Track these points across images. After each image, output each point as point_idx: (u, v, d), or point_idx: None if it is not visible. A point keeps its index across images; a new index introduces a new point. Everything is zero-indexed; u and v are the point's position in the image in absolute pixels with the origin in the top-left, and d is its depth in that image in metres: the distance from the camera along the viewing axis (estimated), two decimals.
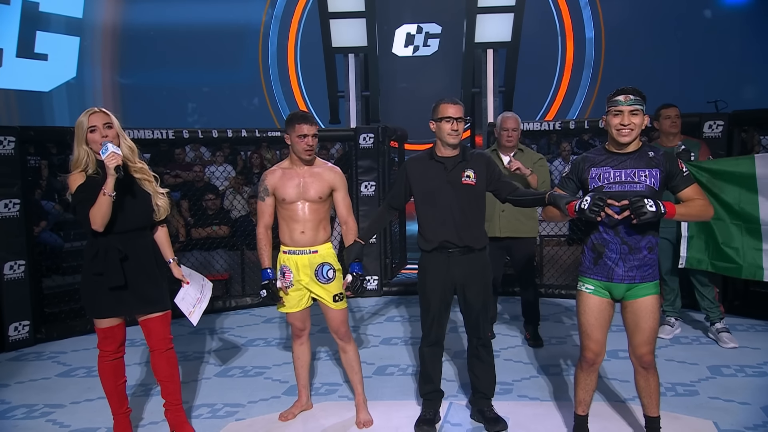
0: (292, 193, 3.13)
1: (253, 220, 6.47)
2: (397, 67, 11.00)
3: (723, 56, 10.49)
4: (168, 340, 3.02)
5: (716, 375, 3.77)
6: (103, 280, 2.83)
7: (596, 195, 2.55)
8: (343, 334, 3.23)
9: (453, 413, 3.33)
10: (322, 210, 3.17)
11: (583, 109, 11.21)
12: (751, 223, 4.05)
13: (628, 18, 10.97)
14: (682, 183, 2.64)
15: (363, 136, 6.11)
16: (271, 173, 3.21)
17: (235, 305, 5.86)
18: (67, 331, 5.01)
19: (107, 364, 2.95)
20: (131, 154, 2.91)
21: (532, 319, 4.48)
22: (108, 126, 2.83)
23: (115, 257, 2.82)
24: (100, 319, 2.90)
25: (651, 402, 2.75)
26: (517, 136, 4.37)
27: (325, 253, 3.18)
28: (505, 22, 7.89)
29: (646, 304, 2.65)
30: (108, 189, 2.71)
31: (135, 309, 2.93)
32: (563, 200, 2.66)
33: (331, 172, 3.20)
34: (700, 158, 4.32)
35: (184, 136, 5.75)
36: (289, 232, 3.17)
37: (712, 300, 4.42)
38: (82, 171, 2.84)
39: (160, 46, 12.06)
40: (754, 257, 4.04)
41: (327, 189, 3.16)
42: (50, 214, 6.31)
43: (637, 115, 2.59)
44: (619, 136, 2.61)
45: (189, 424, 3.14)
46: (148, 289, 2.93)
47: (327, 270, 3.16)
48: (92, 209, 2.74)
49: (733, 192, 4.10)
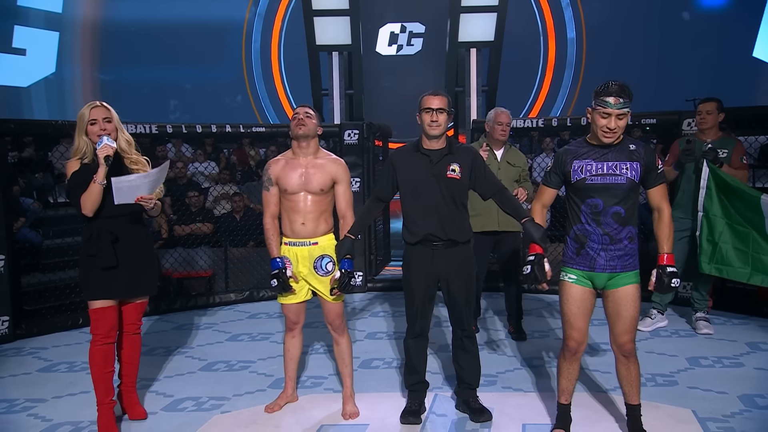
0: (294, 183, 3.13)
1: (237, 218, 6.46)
2: (380, 66, 11.02)
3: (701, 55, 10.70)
4: (138, 325, 3.23)
5: (695, 366, 3.85)
6: (97, 261, 2.98)
7: (536, 268, 2.75)
8: (337, 326, 3.25)
9: (438, 404, 3.36)
10: (323, 202, 3.16)
11: (565, 108, 11.34)
12: (758, 231, 4.12)
13: (609, 18, 11.13)
14: (654, 180, 2.70)
15: (348, 132, 6.12)
16: (275, 162, 3.22)
17: (219, 301, 5.83)
18: (47, 327, 4.94)
19: (98, 348, 3.01)
20: (128, 147, 3.11)
21: (515, 313, 4.52)
22: (107, 120, 3.02)
23: (107, 239, 3.00)
24: (93, 301, 3.00)
25: (632, 390, 2.81)
26: (509, 131, 4.47)
27: (326, 244, 3.18)
28: (488, 22, 7.95)
29: (627, 293, 2.70)
30: (99, 177, 2.91)
31: (125, 292, 3.07)
32: (531, 237, 2.82)
33: (334, 164, 3.19)
34: (733, 156, 4.32)
35: (167, 131, 5.70)
36: (290, 224, 3.17)
37: (704, 294, 4.54)
38: (79, 159, 3.03)
39: (142, 42, 11.91)
40: (761, 264, 4.12)
41: (329, 181, 3.16)
42: (29, 211, 6.21)
43: (624, 117, 2.62)
44: (603, 137, 2.65)
45: (141, 406, 3.29)
46: (138, 273, 3.09)
47: (326, 263, 3.17)
48: (83, 195, 2.95)
49: (742, 206, 4.18)
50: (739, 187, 4.19)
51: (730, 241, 4.23)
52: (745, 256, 4.18)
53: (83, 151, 3.02)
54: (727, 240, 4.24)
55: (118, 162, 3.02)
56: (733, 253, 4.22)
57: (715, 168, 4.23)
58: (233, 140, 7.94)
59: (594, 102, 2.65)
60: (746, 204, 4.15)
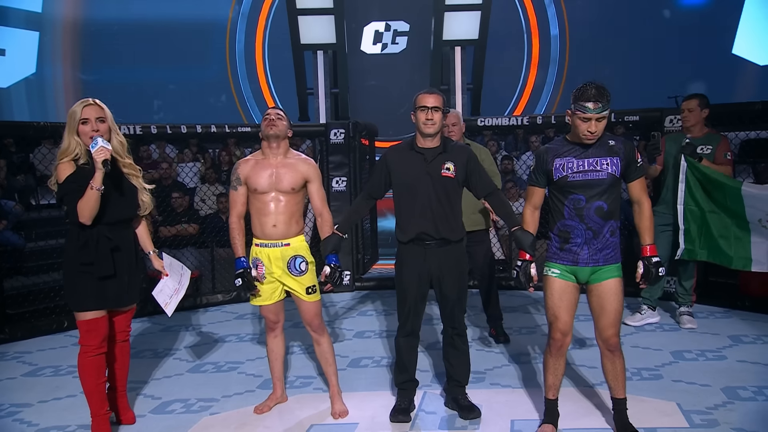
0: (264, 183, 3.12)
1: (223, 218, 6.42)
2: (365, 65, 11.01)
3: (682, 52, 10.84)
4: (127, 332, 3.15)
5: (679, 360, 3.91)
6: (92, 270, 2.83)
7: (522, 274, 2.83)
8: (316, 326, 3.24)
9: (427, 402, 3.38)
10: (293, 201, 3.16)
11: (550, 105, 11.42)
12: (739, 218, 4.24)
13: (591, 15, 11.24)
14: (634, 173, 2.76)
15: (334, 132, 6.12)
16: (245, 162, 3.21)
17: (206, 302, 5.81)
18: (31, 331, 4.89)
19: (89, 360, 2.89)
20: (121, 149, 2.96)
21: (495, 316, 4.42)
22: (100, 120, 2.86)
23: (106, 247, 2.85)
24: (84, 312, 2.86)
25: (617, 384, 2.85)
26: (459, 131, 4.21)
27: (298, 245, 3.18)
28: (472, 20, 7.99)
29: (610, 287, 2.75)
30: (96, 183, 2.73)
31: (118, 301, 2.96)
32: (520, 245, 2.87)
33: (304, 164, 3.20)
34: (717, 152, 4.37)
35: (151, 131, 5.66)
36: (260, 226, 3.15)
37: (687, 289, 4.62)
38: (71, 160, 2.84)
39: (124, 42, 11.78)
40: (743, 249, 4.24)
41: (300, 180, 3.16)
42: (11, 214, 6.13)
43: (603, 120, 2.67)
44: (585, 140, 2.70)
45: (131, 410, 3.25)
46: (129, 282, 2.98)
47: (300, 262, 3.16)
48: (80, 202, 2.76)
49: (722, 197, 4.29)
50: (718, 179, 4.27)
51: (713, 229, 4.34)
52: (728, 242, 4.30)
53: (74, 152, 2.83)
54: (710, 228, 4.35)
55: (112, 165, 2.83)
56: (716, 240, 4.33)
57: (694, 162, 4.32)
58: (218, 140, 7.90)
59: (573, 106, 2.69)
60: (726, 194, 4.25)
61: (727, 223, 4.31)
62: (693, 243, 4.41)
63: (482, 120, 6.02)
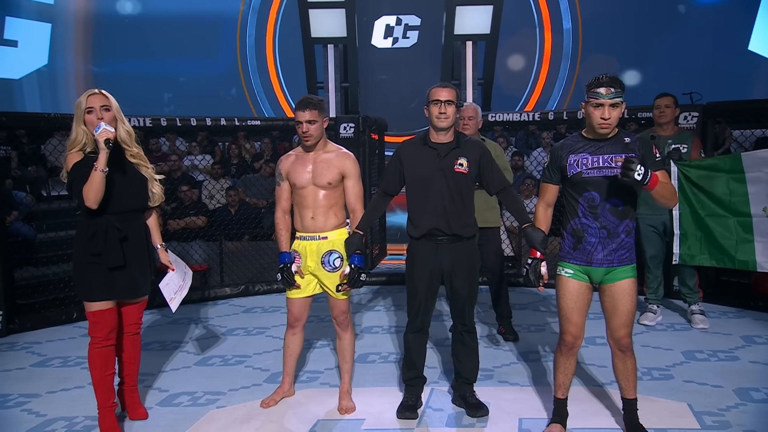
0: (302, 178, 3.13)
1: (231, 212, 6.43)
2: (376, 59, 10.97)
3: (697, 48, 10.69)
4: (139, 325, 3.12)
5: (690, 360, 3.86)
6: (101, 260, 2.82)
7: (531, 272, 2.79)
8: (341, 321, 3.27)
9: (435, 399, 3.36)
10: (332, 196, 3.16)
11: (562, 100, 11.31)
12: (742, 216, 4.20)
13: (605, 9, 11.10)
14: (653, 167, 2.69)
15: (343, 126, 6.09)
16: (286, 158, 3.24)
17: (214, 296, 5.81)
18: (41, 322, 4.91)
19: (97, 351, 2.88)
20: (128, 139, 2.95)
21: (504, 314, 4.40)
22: (105, 108, 2.85)
23: (115, 237, 2.84)
24: (92, 302, 2.86)
25: (628, 384, 2.81)
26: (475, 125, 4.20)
27: (336, 239, 3.17)
28: (484, 15, 7.92)
29: (624, 287, 2.70)
30: (100, 164, 2.71)
31: (128, 292, 2.95)
32: (531, 242, 2.82)
33: (342, 158, 3.17)
34: (692, 150, 4.37)
35: (161, 124, 5.66)
36: (300, 218, 3.18)
37: (692, 287, 4.56)
38: (79, 150, 2.85)
39: (135, 34, 11.81)
40: (746, 249, 4.20)
41: (337, 175, 3.14)
42: (22, 205, 6.17)
43: (617, 107, 2.63)
44: (600, 128, 2.65)
45: (142, 406, 3.22)
46: (139, 273, 2.97)
47: (334, 258, 3.16)
48: (84, 186, 2.74)
49: (723, 186, 4.24)
50: (713, 164, 4.23)
51: (715, 233, 4.30)
52: (731, 244, 4.25)
53: (82, 141, 2.84)
54: (711, 232, 4.31)
55: (119, 155, 2.87)
56: (718, 243, 4.29)
57: (684, 165, 4.31)
58: (228, 133, 7.90)
59: (587, 95, 2.67)
60: (725, 174, 4.20)
61: (729, 225, 4.25)
62: (692, 248, 4.37)
63: (493, 115, 5.97)
